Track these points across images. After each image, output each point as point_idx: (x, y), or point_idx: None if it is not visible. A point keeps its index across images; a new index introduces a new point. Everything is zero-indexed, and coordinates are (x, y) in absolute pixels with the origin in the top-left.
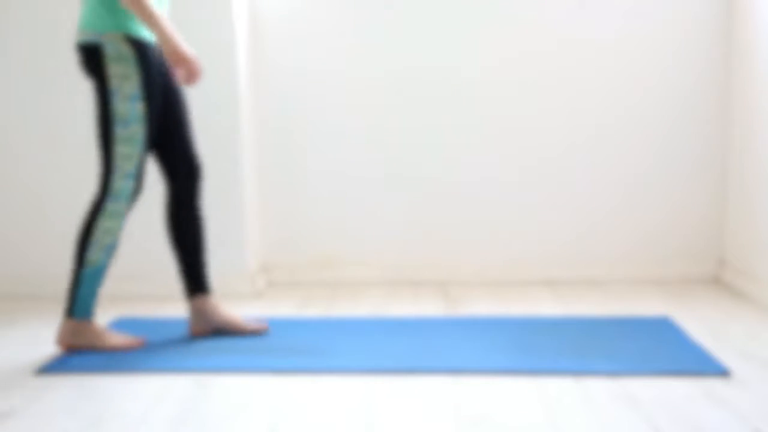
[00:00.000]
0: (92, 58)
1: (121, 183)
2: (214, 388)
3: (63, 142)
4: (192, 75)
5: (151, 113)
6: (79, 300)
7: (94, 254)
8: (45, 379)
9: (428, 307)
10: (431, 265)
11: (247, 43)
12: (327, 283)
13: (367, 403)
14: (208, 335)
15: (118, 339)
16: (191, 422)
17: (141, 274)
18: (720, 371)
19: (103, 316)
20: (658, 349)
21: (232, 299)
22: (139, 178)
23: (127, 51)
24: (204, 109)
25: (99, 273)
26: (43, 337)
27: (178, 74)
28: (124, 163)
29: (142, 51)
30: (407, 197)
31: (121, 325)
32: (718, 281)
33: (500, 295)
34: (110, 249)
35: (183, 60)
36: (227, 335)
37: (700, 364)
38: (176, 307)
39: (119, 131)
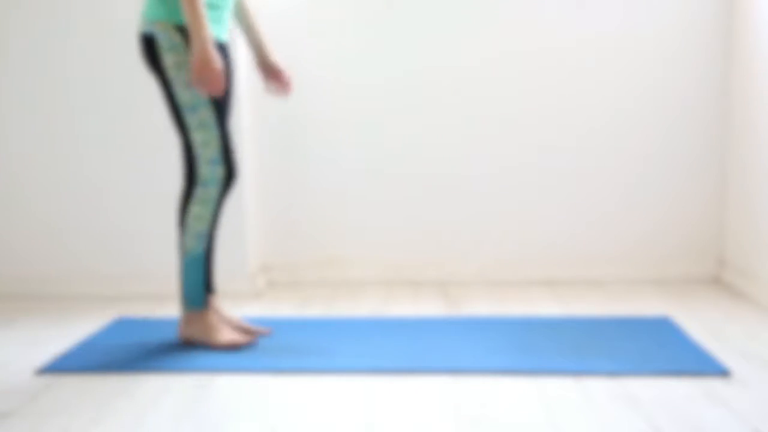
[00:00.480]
0: (148, 48)
1: (206, 169)
2: (214, 388)
3: (63, 142)
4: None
5: (214, 96)
6: (187, 290)
7: (188, 241)
8: (45, 379)
9: (428, 307)
10: (431, 265)
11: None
12: (327, 283)
13: (367, 403)
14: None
15: (227, 337)
16: (191, 422)
17: (141, 274)
18: (720, 371)
19: (104, 316)
20: (658, 349)
21: (232, 299)
22: (226, 162)
23: (179, 40)
24: None
25: (198, 261)
26: (43, 337)
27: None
28: (204, 150)
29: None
30: (407, 197)
31: (121, 325)
32: (718, 281)
33: (500, 295)
34: (203, 236)
35: (205, 69)
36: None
37: (700, 364)
38: (176, 307)
39: (190, 119)
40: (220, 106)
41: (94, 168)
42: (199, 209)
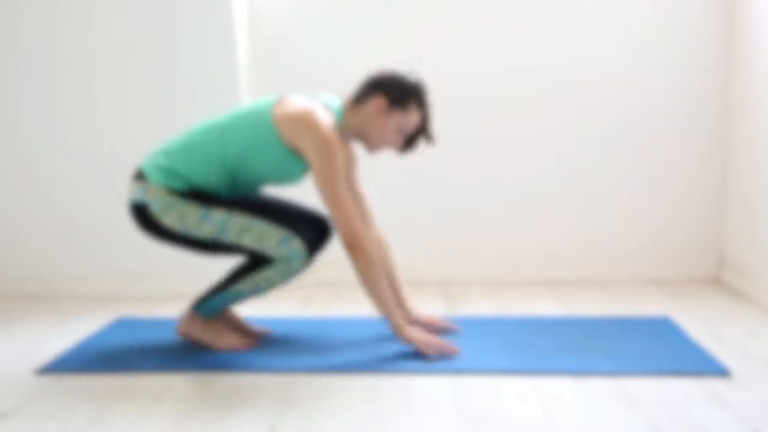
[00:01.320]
0: (141, 215)
1: (281, 250)
2: (214, 388)
3: (63, 141)
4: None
5: (222, 207)
6: (209, 306)
7: (243, 286)
8: (45, 379)
9: (428, 307)
10: (431, 265)
11: (247, 43)
12: (327, 283)
13: (367, 403)
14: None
15: (229, 341)
16: (191, 422)
17: (141, 274)
18: (720, 371)
19: (104, 316)
20: (658, 349)
21: None
22: (299, 232)
23: (169, 197)
24: (204, 109)
25: (238, 297)
26: (43, 337)
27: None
28: (264, 243)
29: (185, 194)
30: (407, 197)
31: (121, 325)
32: (718, 281)
33: (500, 295)
34: (261, 291)
35: (414, 341)
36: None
37: (700, 364)
38: (176, 307)
39: (227, 238)
40: (245, 203)
41: (95, 169)
42: (273, 275)
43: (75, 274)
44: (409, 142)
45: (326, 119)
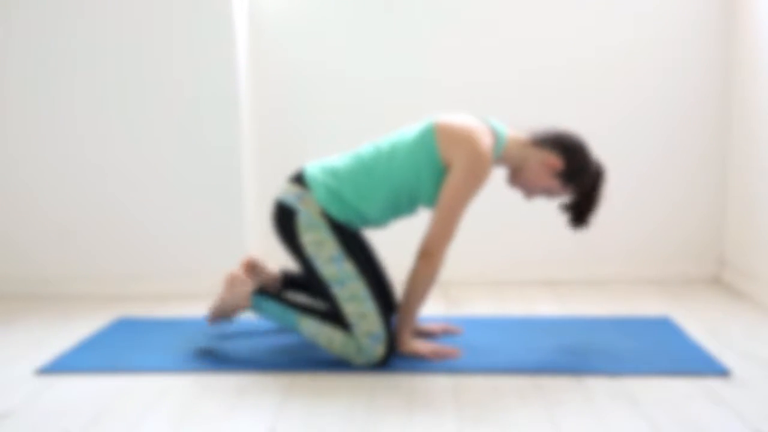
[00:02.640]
0: (282, 217)
1: (366, 342)
2: (214, 388)
3: (63, 141)
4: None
5: (357, 265)
6: (265, 305)
7: (306, 322)
8: (45, 379)
9: (428, 307)
10: None
11: (247, 42)
12: None
13: (367, 403)
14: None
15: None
16: (191, 422)
17: (141, 274)
18: (720, 371)
19: (104, 316)
20: (658, 349)
21: None
22: (388, 343)
23: (319, 220)
24: (204, 108)
25: (289, 322)
26: (43, 337)
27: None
28: (360, 322)
29: (334, 223)
30: None
31: (121, 325)
32: (718, 281)
33: (500, 295)
34: (308, 337)
35: (408, 352)
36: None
37: (700, 364)
38: (176, 307)
39: (338, 291)
40: (372, 279)
41: (95, 169)
42: (336, 341)
43: (75, 274)
44: (578, 218)
45: (487, 141)
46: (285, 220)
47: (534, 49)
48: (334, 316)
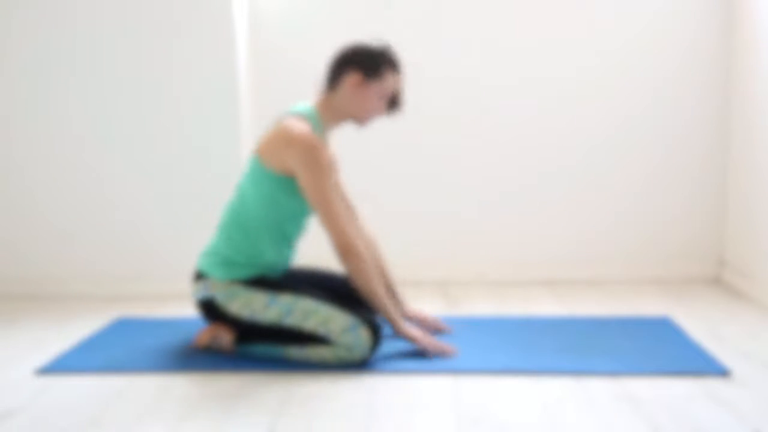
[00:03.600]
0: (209, 310)
1: (347, 338)
2: (214, 388)
3: (63, 142)
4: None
5: (289, 292)
6: (250, 348)
7: (294, 351)
8: (45, 379)
9: (428, 307)
10: (431, 265)
11: (247, 42)
12: None
13: (367, 403)
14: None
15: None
16: (191, 422)
17: (141, 274)
18: (720, 371)
19: (104, 316)
20: (658, 349)
21: None
22: (367, 323)
23: (233, 287)
24: (204, 108)
25: (281, 354)
26: (43, 337)
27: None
28: (330, 326)
29: (248, 282)
30: (407, 197)
31: (121, 325)
32: (718, 281)
33: (500, 295)
34: (308, 361)
35: (415, 339)
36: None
37: (700, 364)
38: (176, 307)
39: (291, 321)
40: (319, 291)
41: (95, 169)
42: (329, 356)
43: (75, 274)
44: (392, 105)
45: (301, 127)
46: (210, 310)
47: (535, 53)
48: (308, 338)
